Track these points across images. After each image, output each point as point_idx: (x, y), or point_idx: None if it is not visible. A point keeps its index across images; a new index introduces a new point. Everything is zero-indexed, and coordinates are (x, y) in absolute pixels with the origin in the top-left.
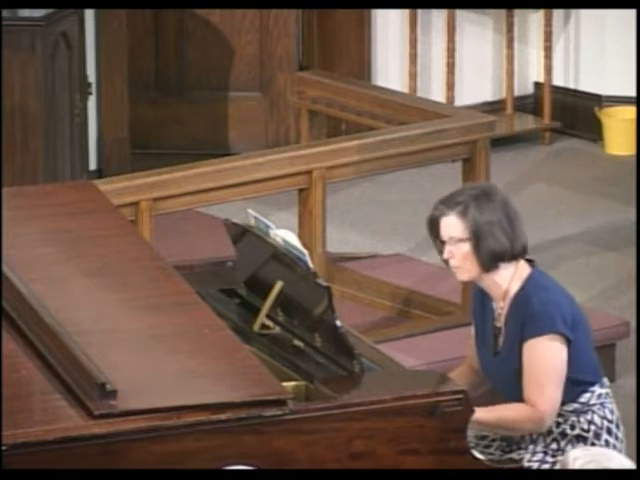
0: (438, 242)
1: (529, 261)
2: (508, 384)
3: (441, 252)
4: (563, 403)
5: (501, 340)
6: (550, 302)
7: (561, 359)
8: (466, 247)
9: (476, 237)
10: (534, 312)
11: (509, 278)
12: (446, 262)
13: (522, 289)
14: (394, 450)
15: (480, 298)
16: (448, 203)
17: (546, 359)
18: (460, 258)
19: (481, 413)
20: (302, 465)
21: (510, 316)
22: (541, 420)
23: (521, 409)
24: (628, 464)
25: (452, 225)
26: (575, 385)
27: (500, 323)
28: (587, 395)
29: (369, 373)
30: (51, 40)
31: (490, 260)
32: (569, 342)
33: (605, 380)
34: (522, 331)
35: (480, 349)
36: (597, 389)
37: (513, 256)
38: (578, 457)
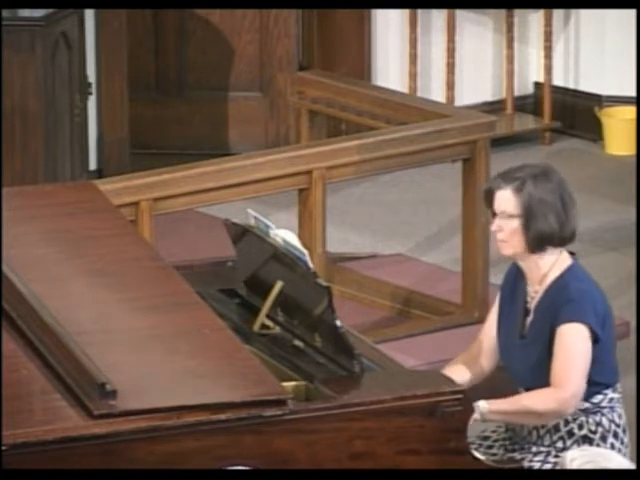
0: (490, 213)
1: (571, 253)
2: (530, 370)
3: (492, 222)
4: None
5: (528, 323)
6: (587, 293)
7: (587, 349)
8: (515, 223)
9: (527, 215)
10: (571, 298)
11: (550, 264)
12: (495, 233)
13: (561, 277)
14: (394, 450)
15: (513, 277)
16: (506, 177)
17: (576, 345)
18: (508, 233)
19: (502, 404)
20: (302, 465)
21: (543, 301)
22: (566, 401)
23: (545, 392)
24: (627, 465)
25: (505, 199)
26: (591, 385)
27: (531, 306)
28: (600, 397)
29: (369, 373)
30: (51, 40)
31: (537, 241)
32: (596, 340)
33: (619, 385)
34: (555, 316)
35: (502, 329)
36: (610, 393)
37: (561, 240)
38: (575, 458)
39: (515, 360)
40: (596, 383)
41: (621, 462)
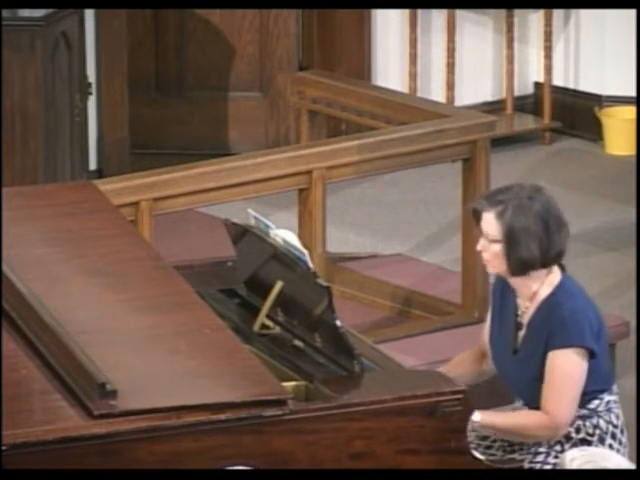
0: (478, 230)
1: (560, 266)
2: (526, 387)
3: (478, 239)
4: None
5: (521, 337)
6: (580, 312)
7: (582, 372)
8: (497, 247)
9: (508, 242)
10: (564, 322)
11: (540, 282)
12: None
13: (552, 295)
14: (394, 450)
15: (501, 290)
16: (490, 200)
17: (569, 371)
18: (491, 255)
19: (495, 418)
20: (302, 465)
21: (536, 318)
22: (557, 428)
23: (537, 417)
24: (625, 464)
25: (489, 222)
26: (586, 395)
27: (523, 320)
28: (596, 402)
29: (369, 373)
30: (51, 40)
31: (518, 267)
32: (592, 355)
33: (615, 387)
34: (549, 339)
35: (495, 343)
36: (606, 396)
37: (543, 265)
38: (575, 457)
39: (510, 374)
40: (590, 392)
41: (620, 462)
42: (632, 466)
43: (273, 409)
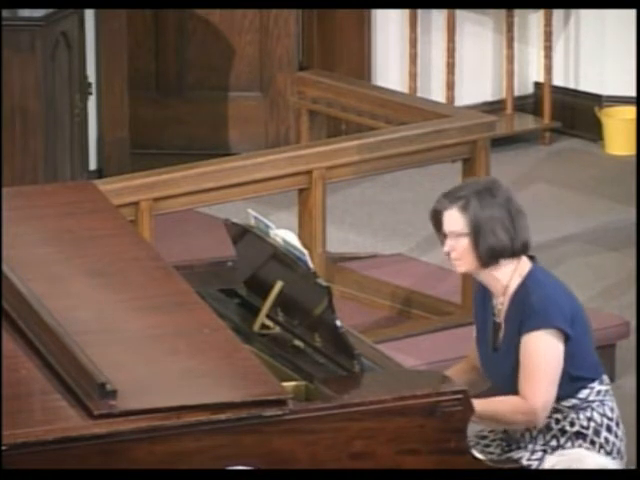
0: (440, 235)
1: (530, 257)
2: (506, 380)
3: (443, 244)
4: (561, 398)
5: (501, 335)
6: (549, 298)
7: (556, 354)
8: (465, 242)
9: (475, 233)
10: (532, 308)
11: (509, 274)
12: (447, 254)
13: (522, 285)
14: (394, 450)
15: (482, 295)
16: (450, 197)
17: (541, 354)
18: (460, 252)
19: (476, 406)
20: (302, 465)
21: (510, 312)
22: (533, 414)
23: (514, 402)
24: (603, 461)
25: (453, 219)
26: (574, 381)
27: (500, 319)
28: (586, 391)
29: (369, 373)
30: (51, 40)
31: (489, 256)
32: (567, 338)
33: (605, 377)
34: (520, 327)
35: (480, 346)
36: (596, 386)
37: (513, 253)
38: (555, 464)
39: (491, 372)
40: (578, 378)
41: (597, 462)
42: (612, 462)
43: (273, 409)
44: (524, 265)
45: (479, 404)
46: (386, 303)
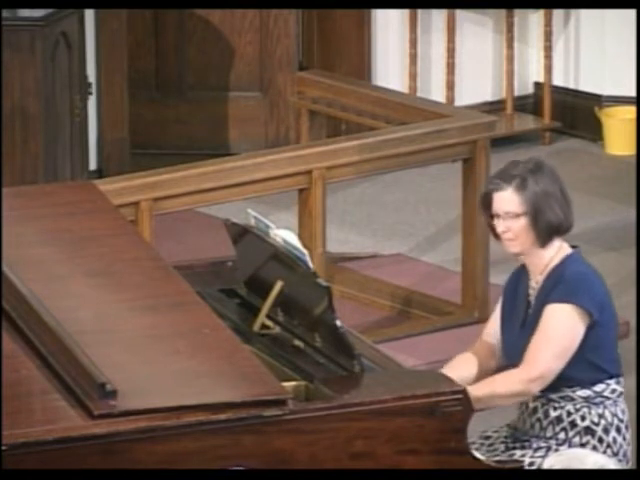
0: (488, 216)
1: (574, 247)
2: None
3: (491, 226)
4: (577, 384)
5: (530, 312)
6: (584, 276)
7: (574, 331)
8: (523, 221)
9: (534, 211)
10: (565, 280)
11: (553, 254)
12: (495, 235)
13: (561, 263)
14: (394, 450)
15: (517, 278)
16: (504, 177)
17: (558, 326)
18: (517, 232)
19: (473, 392)
20: (302, 465)
21: (543, 288)
22: (531, 382)
23: (510, 373)
24: (603, 461)
25: (508, 199)
26: (591, 369)
27: (532, 298)
28: (602, 385)
29: (369, 373)
30: (51, 40)
31: (547, 233)
32: (592, 323)
33: (622, 379)
34: (547, 297)
35: (506, 325)
36: (613, 383)
37: (567, 228)
38: (554, 464)
39: (515, 351)
40: (596, 367)
41: (597, 461)
42: (612, 461)
43: (273, 409)
44: (565, 249)
45: (475, 388)
46: (386, 303)
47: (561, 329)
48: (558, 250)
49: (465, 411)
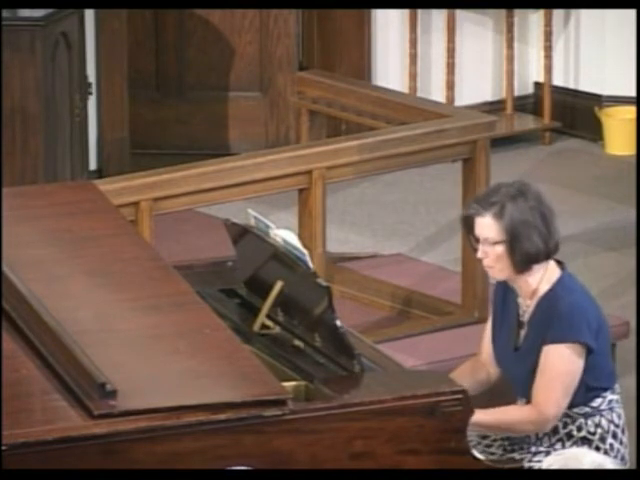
0: (472, 238)
1: (558, 263)
2: (523, 380)
3: (474, 249)
4: (574, 406)
5: (522, 335)
6: (578, 307)
7: (577, 368)
8: (500, 249)
9: (511, 239)
10: (561, 316)
11: (539, 278)
12: (480, 260)
13: (551, 290)
14: (394, 450)
15: (503, 291)
16: (483, 203)
17: (563, 366)
18: (494, 259)
19: (481, 415)
20: (302, 465)
21: (536, 315)
22: (544, 422)
23: (523, 411)
24: (600, 460)
25: (487, 226)
26: (590, 391)
27: (524, 319)
28: (599, 400)
29: (369, 373)
30: (51, 40)
31: (524, 262)
32: (590, 350)
33: (617, 386)
34: (546, 332)
35: (497, 341)
36: (609, 395)
37: (547, 256)
38: (552, 464)
39: (511, 370)
40: (594, 388)
41: (594, 460)
42: (610, 460)
43: (273, 409)
44: (553, 270)
45: (485, 414)
46: (386, 303)
47: (566, 368)
48: (545, 273)
49: (465, 411)
